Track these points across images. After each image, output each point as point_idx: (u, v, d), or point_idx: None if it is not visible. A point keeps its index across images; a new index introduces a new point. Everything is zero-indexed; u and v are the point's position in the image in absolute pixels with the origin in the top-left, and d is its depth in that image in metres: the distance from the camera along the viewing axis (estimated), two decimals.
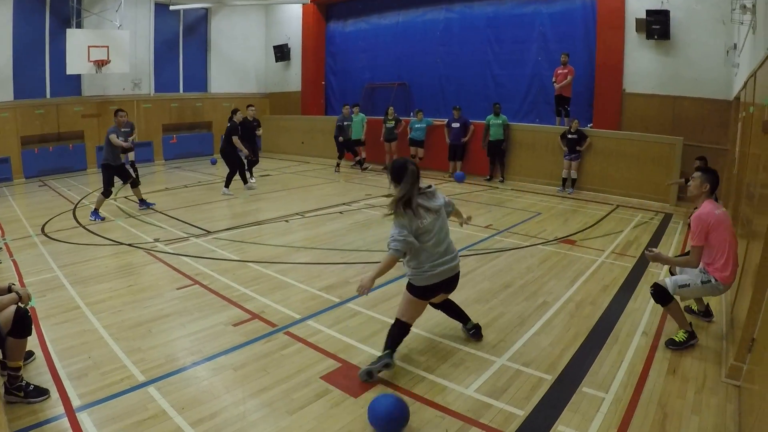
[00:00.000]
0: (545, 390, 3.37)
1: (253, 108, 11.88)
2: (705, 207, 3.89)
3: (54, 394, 3.29)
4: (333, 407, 3.18)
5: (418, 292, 3.58)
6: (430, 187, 3.63)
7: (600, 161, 10.46)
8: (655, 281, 4.07)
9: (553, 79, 11.03)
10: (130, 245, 6.78)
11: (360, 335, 4.17)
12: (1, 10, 11.99)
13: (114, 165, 8.23)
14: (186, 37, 16.15)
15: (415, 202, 3.44)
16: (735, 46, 8.33)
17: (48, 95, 13.25)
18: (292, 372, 3.60)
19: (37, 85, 13.04)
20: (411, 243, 3.40)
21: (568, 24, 11.63)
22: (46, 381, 3.43)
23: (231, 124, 10.39)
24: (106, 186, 8.23)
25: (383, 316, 4.51)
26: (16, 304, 3.16)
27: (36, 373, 3.53)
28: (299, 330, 4.26)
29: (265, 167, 14.04)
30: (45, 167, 13.12)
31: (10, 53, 12.28)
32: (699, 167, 4.13)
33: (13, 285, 3.31)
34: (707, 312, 4.47)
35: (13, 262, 6.11)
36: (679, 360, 3.75)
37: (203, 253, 6.41)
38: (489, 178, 12.04)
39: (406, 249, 3.40)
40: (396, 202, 3.43)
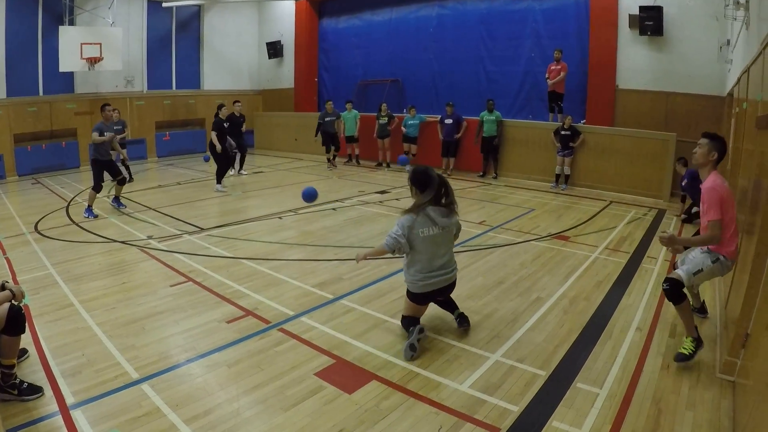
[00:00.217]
0: (539, 386, 3.38)
1: (240, 103, 11.92)
2: (713, 178, 3.59)
3: (48, 391, 3.27)
4: (327, 404, 3.18)
5: (414, 297, 3.91)
6: (452, 204, 3.84)
7: (593, 157, 10.48)
8: (668, 276, 3.72)
9: (546, 76, 11.05)
10: (123, 242, 6.75)
11: (354, 331, 4.17)
12: None
13: (102, 160, 8.20)
14: (179, 34, 16.06)
15: (427, 210, 3.71)
16: (728, 42, 8.37)
17: (41, 93, 13.17)
18: (285, 369, 3.59)
19: (30, 83, 12.95)
20: (402, 245, 3.71)
21: (561, 20, 11.63)
22: (39, 379, 3.41)
23: (216, 119, 10.40)
24: (96, 181, 8.22)
25: (377, 312, 4.53)
26: (9, 301, 3.14)
27: (30, 371, 3.51)
28: (293, 327, 4.26)
29: (258, 164, 13.99)
30: (38, 165, 13.04)
31: (2, 51, 12.19)
32: (706, 133, 3.77)
33: (7, 282, 3.28)
34: (702, 308, 4.44)
35: (7, 259, 6.07)
36: (673, 355, 3.76)
37: (196, 250, 6.39)
38: (482, 174, 12.06)
39: (395, 247, 3.72)
40: (416, 207, 3.73)
